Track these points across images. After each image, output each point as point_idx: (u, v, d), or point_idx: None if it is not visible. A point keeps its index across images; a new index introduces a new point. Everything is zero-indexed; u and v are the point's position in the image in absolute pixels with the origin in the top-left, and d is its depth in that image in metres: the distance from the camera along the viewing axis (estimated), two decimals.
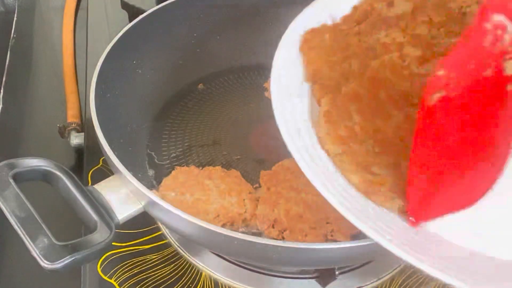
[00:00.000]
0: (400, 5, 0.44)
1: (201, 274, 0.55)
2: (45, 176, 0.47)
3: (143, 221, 0.58)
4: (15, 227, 0.41)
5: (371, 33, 0.43)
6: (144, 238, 0.58)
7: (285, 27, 0.75)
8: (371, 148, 0.39)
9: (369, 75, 0.41)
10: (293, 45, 0.45)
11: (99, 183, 0.48)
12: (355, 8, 0.46)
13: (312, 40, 0.44)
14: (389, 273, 0.55)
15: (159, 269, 0.55)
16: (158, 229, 0.58)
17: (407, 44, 0.42)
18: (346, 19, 0.45)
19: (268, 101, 0.68)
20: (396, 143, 0.38)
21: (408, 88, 0.40)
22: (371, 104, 0.40)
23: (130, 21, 0.64)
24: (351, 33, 0.44)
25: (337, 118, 0.40)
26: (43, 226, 0.42)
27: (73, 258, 0.40)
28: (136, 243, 0.57)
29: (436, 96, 0.32)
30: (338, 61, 0.43)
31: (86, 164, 0.64)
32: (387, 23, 0.43)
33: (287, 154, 0.61)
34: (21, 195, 0.43)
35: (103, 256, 0.55)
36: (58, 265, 0.40)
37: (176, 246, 0.57)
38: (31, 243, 0.40)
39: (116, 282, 0.54)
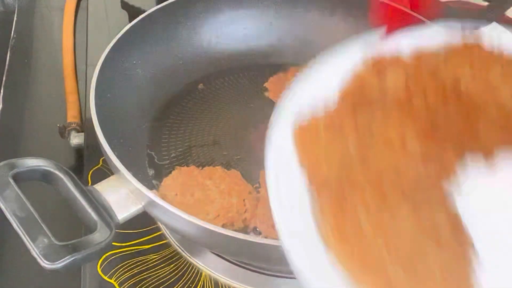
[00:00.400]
0: (392, 81, 0.41)
1: (201, 274, 0.55)
2: (45, 176, 0.47)
3: (143, 221, 0.58)
4: (15, 227, 0.41)
5: (368, 119, 0.39)
6: (144, 238, 0.58)
7: (285, 29, 0.76)
8: (383, 248, 0.35)
9: (370, 165, 0.38)
10: (285, 135, 0.40)
11: (99, 183, 0.48)
12: (348, 84, 0.42)
13: (305, 136, 0.40)
14: None
15: (159, 269, 0.55)
16: (158, 229, 0.58)
17: (407, 129, 0.38)
18: (340, 108, 0.41)
19: (268, 101, 0.69)
20: (409, 240, 0.35)
21: (414, 177, 0.36)
22: (376, 196, 0.37)
23: (130, 21, 0.64)
24: (346, 121, 0.40)
25: (342, 217, 0.36)
26: (43, 226, 0.42)
27: (73, 258, 0.40)
28: (136, 243, 0.57)
29: None
30: (335, 150, 0.39)
31: (86, 164, 0.64)
32: (383, 104, 0.40)
33: None
34: (21, 195, 0.43)
35: (103, 256, 0.55)
36: (58, 265, 0.40)
37: (176, 246, 0.57)
38: (31, 243, 0.40)
39: (116, 282, 0.54)
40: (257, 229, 0.53)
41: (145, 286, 0.53)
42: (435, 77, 0.40)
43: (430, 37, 0.43)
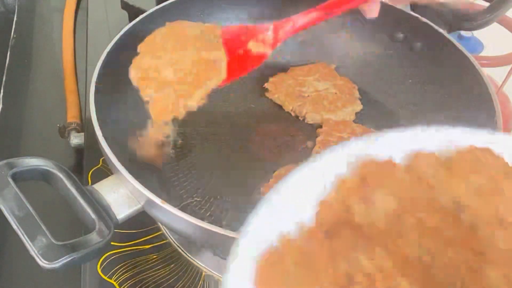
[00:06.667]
0: (383, 205, 0.33)
1: (201, 274, 0.55)
2: (44, 176, 0.47)
3: (143, 221, 0.58)
4: (14, 226, 0.41)
5: (348, 256, 0.32)
6: (144, 238, 0.58)
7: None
8: None
9: None
10: (246, 272, 0.31)
11: (98, 183, 0.48)
12: (323, 207, 0.33)
13: (270, 274, 0.31)
14: None
15: (159, 269, 0.55)
16: (158, 229, 0.58)
17: (396, 272, 0.30)
18: (313, 230, 0.33)
19: (268, 101, 0.68)
20: None
21: None
22: None
23: (130, 21, 0.64)
24: (321, 257, 0.32)
25: None
26: (42, 225, 0.42)
27: (71, 258, 0.40)
28: (136, 243, 0.57)
29: None
30: None
31: (86, 164, 0.64)
32: (368, 239, 0.32)
33: (285, 155, 0.62)
34: (20, 194, 0.43)
35: (102, 256, 0.55)
36: (57, 264, 0.40)
37: (176, 246, 0.57)
38: (30, 243, 0.40)
39: (116, 282, 0.53)
40: None
41: (145, 286, 0.53)
42: (433, 205, 0.33)
43: (429, 140, 0.36)
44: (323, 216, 0.33)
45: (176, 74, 0.51)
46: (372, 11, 0.54)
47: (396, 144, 0.36)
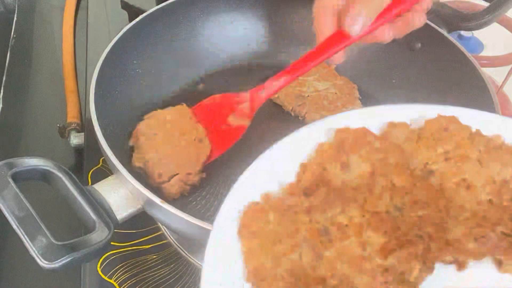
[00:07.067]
0: (356, 167, 0.37)
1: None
2: (44, 176, 0.47)
3: (143, 221, 0.58)
4: (14, 226, 0.41)
5: (324, 210, 0.35)
6: (144, 238, 0.58)
7: (285, 29, 0.76)
8: None
9: (322, 274, 0.32)
10: (230, 226, 0.35)
11: (98, 183, 0.48)
12: (303, 168, 0.37)
13: (252, 224, 0.34)
14: None
15: (159, 269, 0.55)
16: (158, 229, 0.58)
17: (367, 225, 0.34)
18: (293, 188, 0.37)
19: (268, 101, 0.68)
20: None
21: (370, 285, 0.32)
22: None
23: (130, 21, 0.64)
24: (300, 211, 0.35)
25: None
26: (42, 225, 0.42)
27: (71, 258, 0.40)
28: (136, 243, 0.57)
29: None
30: (285, 251, 0.34)
31: (86, 164, 0.64)
32: (343, 196, 0.35)
33: None
34: (20, 194, 0.43)
35: (102, 256, 0.55)
36: (56, 264, 0.40)
37: (176, 246, 0.57)
38: (30, 243, 0.40)
39: (116, 282, 0.53)
40: None
41: (145, 286, 0.53)
42: (403, 167, 0.36)
43: (402, 113, 0.40)
44: (302, 177, 0.37)
45: (174, 166, 0.55)
46: (336, 59, 0.55)
47: (372, 117, 0.39)
